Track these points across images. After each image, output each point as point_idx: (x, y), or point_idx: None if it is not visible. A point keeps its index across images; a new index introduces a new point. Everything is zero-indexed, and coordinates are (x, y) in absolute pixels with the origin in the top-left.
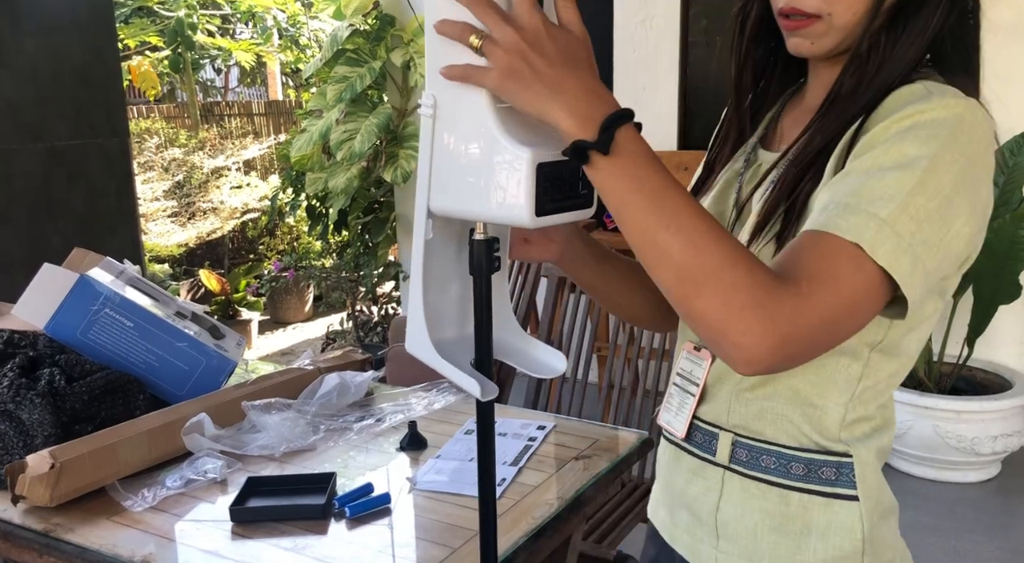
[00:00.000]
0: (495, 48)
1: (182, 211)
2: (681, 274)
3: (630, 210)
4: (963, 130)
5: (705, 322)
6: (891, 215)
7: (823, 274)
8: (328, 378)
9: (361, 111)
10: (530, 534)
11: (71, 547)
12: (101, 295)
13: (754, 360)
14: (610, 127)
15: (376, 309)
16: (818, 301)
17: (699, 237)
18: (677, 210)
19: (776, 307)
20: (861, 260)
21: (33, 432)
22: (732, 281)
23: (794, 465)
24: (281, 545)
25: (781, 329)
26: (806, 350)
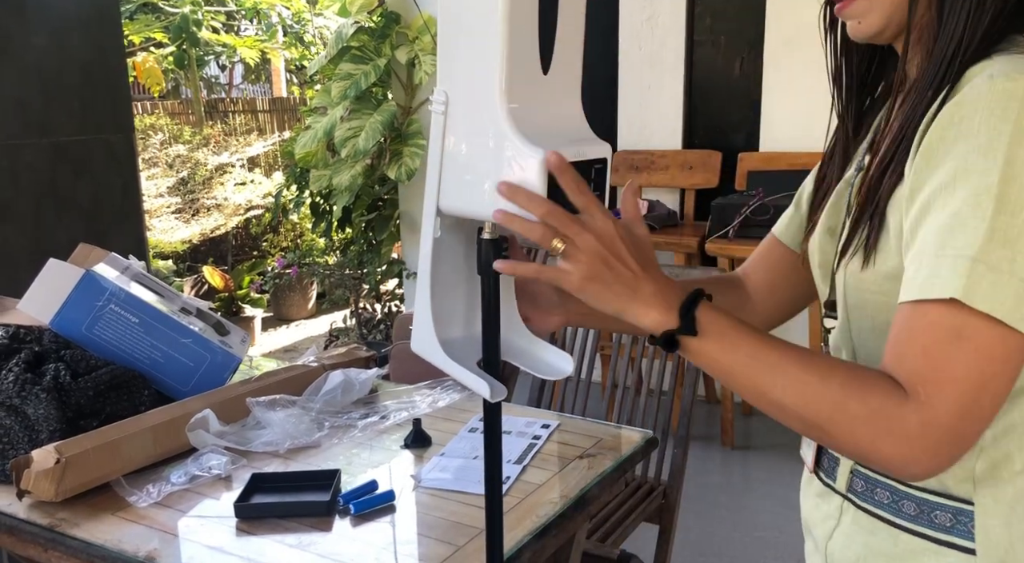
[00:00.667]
0: (578, 253)
1: (186, 207)
2: (805, 424)
3: (734, 379)
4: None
5: (851, 457)
6: (979, 250)
7: (934, 369)
8: (332, 375)
9: (366, 108)
10: (534, 532)
11: (76, 542)
12: (106, 291)
13: (917, 477)
14: (689, 310)
15: (379, 306)
16: (941, 403)
17: (803, 387)
18: (775, 367)
19: (903, 430)
20: (963, 325)
21: (38, 427)
22: (850, 420)
23: (906, 503)
24: (285, 541)
25: (920, 446)
26: (961, 444)
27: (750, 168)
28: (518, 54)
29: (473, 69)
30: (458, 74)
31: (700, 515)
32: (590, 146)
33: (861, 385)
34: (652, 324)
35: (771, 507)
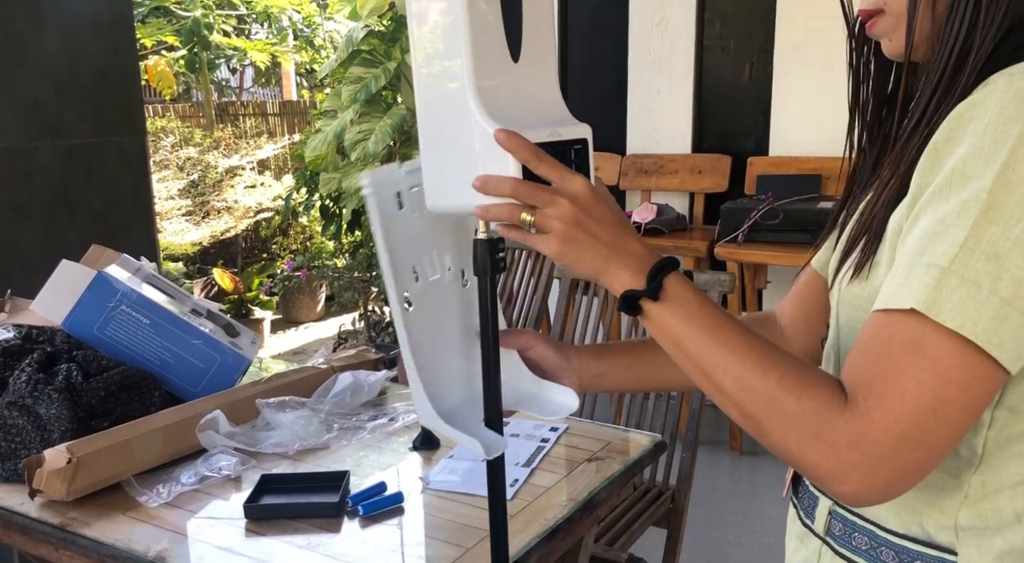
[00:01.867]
0: (549, 222)
1: (196, 210)
2: (741, 414)
3: (683, 352)
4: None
5: (783, 459)
6: (956, 260)
7: (882, 380)
8: (342, 377)
9: (375, 112)
10: (542, 535)
11: (87, 541)
12: (118, 292)
13: (847, 498)
14: (657, 275)
15: (388, 309)
16: (880, 418)
17: (744, 372)
18: (724, 347)
19: (832, 437)
20: (925, 339)
21: (50, 427)
22: (781, 416)
23: (884, 551)
24: (295, 542)
25: (847, 460)
26: (897, 469)
27: (760, 172)
28: (483, 42)
29: (443, 62)
30: (429, 63)
31: (708, 520)
32: (568, 127)
33: (800, 383)
34: (621, 286)
35: (779, 513)
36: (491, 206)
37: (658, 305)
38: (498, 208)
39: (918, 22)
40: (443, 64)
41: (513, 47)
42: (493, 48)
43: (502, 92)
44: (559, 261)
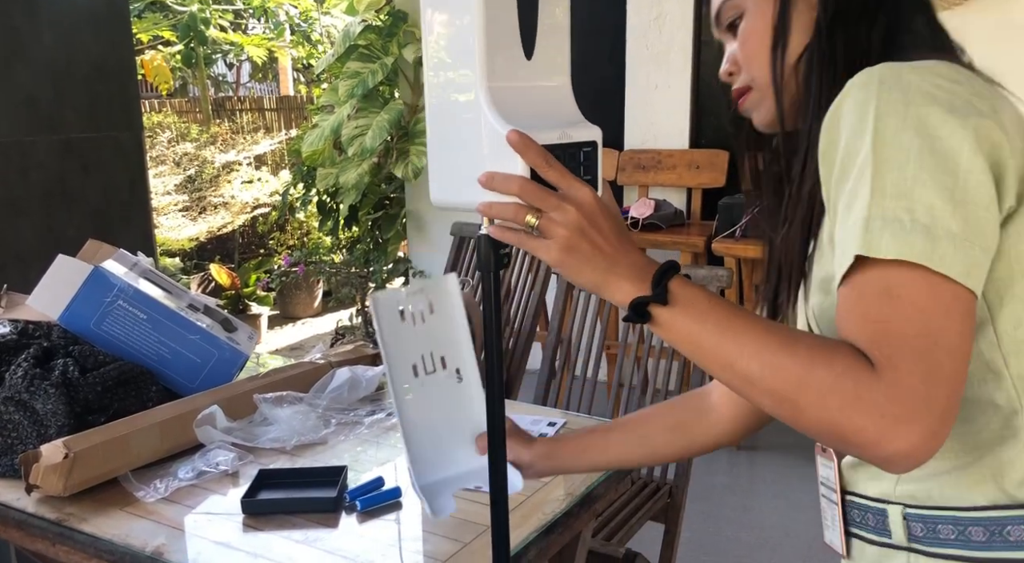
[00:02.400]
0: (554, 226)
1: (193, 205)
2: (775, 396)
3: (703, 351)
4: (887, 86)
5: (824, 436)
6: (871, 207)
7: (881, 332)
8: (339, 372)
9: (373, 107)
10: (540, 530)
11: (84, 537)
12: (115, 287)
13: (898, 454)
14: (661, 280)
15: None
16: (903, 363)
17: (771, 354)
18: (744, 335)
19: (871, 396)
20: (885, 281)
21: (47, 422)
22: (818, 386)
23: (973, 530)
24: (292, 537)
25: (891, 414)
26: (933, 410)
27: None
28: (497, 40)
29: (456, 58)
30: (441, 60)
31: (706, 515)
32: (578, 129)
33: (827, 351)
34: (624, 296)
35: (777, 508)
36: (495, 203)
37: (668, 309)
38: (502, 206)
39: (785, 92)
40: (455, 59)
41: (527, 44)
42: (507, 45)
43: (514, 90)
44: (558, 268)
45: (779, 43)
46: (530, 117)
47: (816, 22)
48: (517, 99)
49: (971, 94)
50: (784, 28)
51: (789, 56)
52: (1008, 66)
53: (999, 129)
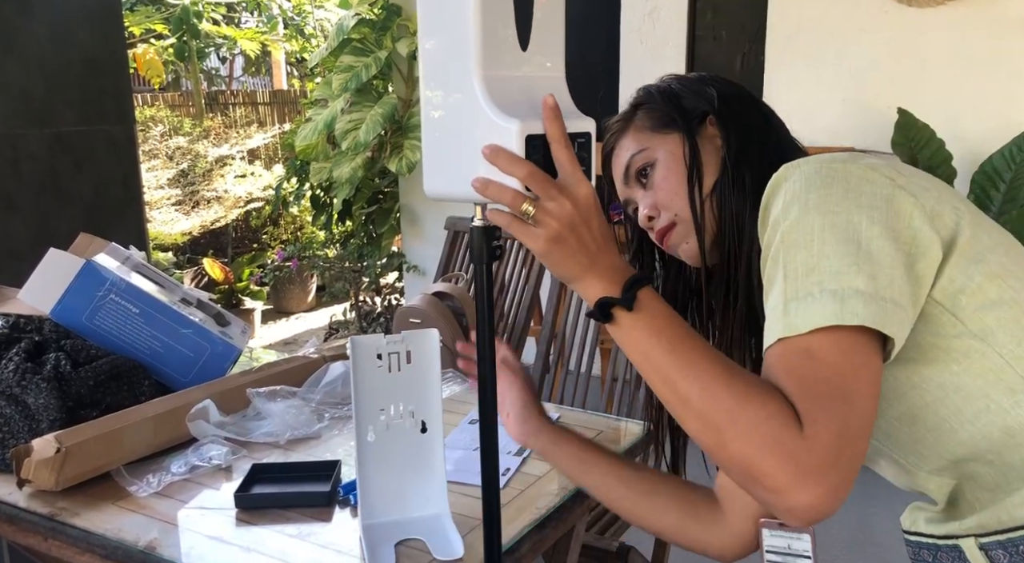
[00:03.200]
0: (548, 218)
1: (186, 200)
2: (703, 421)
3: (650, 362)
4: (793, 180)
5: (737, 471)
6: (788, 292)
7: (802, 390)
8: (333, 366)
9: (366, 101)
10: (534, 524)
11: (76, 531)
12: (107, 280)
13: (802, 505)
14: (632, 287)
15: (379, 300)
16: (821, 420)
17: (711, 381)
18: (691, 358)
19: (793, 443)
20: (805, 348)
21: (39, 416)
22: (747, 421)
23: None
24: (286, 532)
25: (806, 465)
26: (845, 474)
27: None
28: (493, 29)
29: (450, 48)
30: (436, 51)
31: None
32: (573, 120)
33: (762, 392)
34: (595, 293)
35: None
36: (494, 183)
37: (631, 315)
38: (501, 188)
39: (706, 224)
40: (450, 48)
41: (523, 35)
42: (502, 36)
43: (509, 80)
44: (541, 257)
45: (695, 177)
46: (525, 107)
47: (723, 160)
48: (512, 89)
49: (865, 168)
50: (697, 165)
51: (704, 190)
52: (1003, 61)
53: (898, 188)
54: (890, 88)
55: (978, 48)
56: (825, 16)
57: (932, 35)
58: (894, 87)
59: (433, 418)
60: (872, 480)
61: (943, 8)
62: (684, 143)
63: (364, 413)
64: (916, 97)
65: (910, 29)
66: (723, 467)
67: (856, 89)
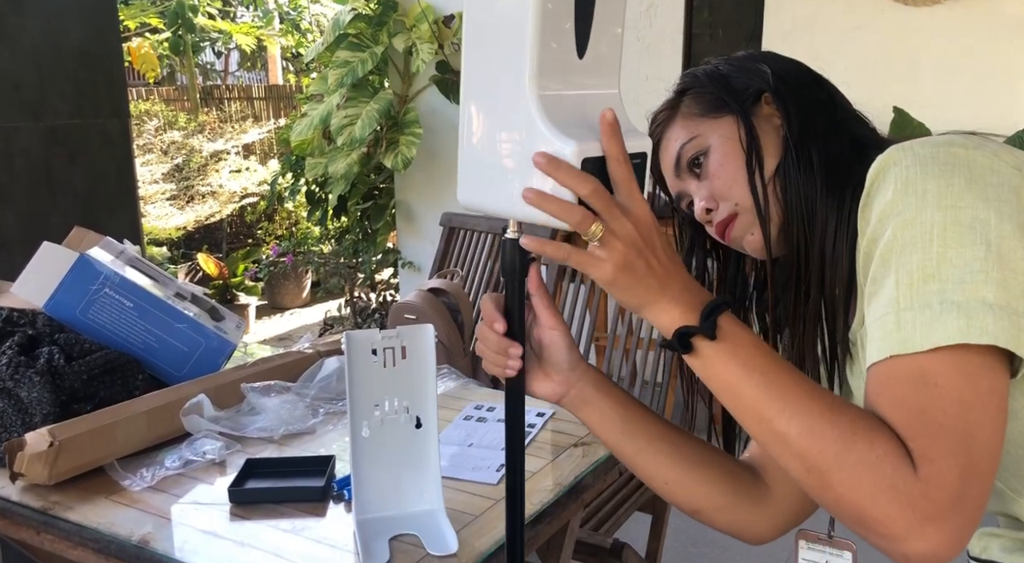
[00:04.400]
0: (615, 241)
1: (180, 194)
2: (806, 462)
3: (742, 398)
4: (906, 165)
5: (846, 516)
6: (901, 300)
7: (916, 422)
8: (328, 362)
9: (362, 96)
10: (528, 520)
11: (69, 525)
12: (101, 274)
13: (921, 554)
14: (712, 312)
15: (375, 296)
16: (939, 457)
17: (813, 419)
18: (789, 392)
19: (908, 487)
20: (920, 371)
21: (32, 410)
22: (855, 464)
23: None
24: (280, 527)
25: (924, 511)
26: (969, 515)
27: None
28: (551, 35)
29: (501, 53)
30: (485, 59)
31: None
32: (630, 139)
33: (869, 428)
34: (671, 322)
35: None
36: (552, 199)
37: (714, 345)
38: (562, 206)
39: (771, 211)
40: (500, 59)
41: (580, 41)
42: (559, 40)
43: (564, 96)
44: (608, 286)
45: (754, 161)
46: (580, 126)
47: (783, 139)
48: (568, 105)
49: (990, 155)
50: (757, 148)
51: (766, 174)
52: (998, 60)
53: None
54: (885, 87)
55: (974, 47)
56: (821, 15)
57: (927, 34)
58: (889, 86)
59: (428, 414)
60: None
61: (939, 7)
62: (739, 125)
63: (359, 408)
64: (911, 96)
65: (906, 28)
66: (830, 511)
67: (851, 87)
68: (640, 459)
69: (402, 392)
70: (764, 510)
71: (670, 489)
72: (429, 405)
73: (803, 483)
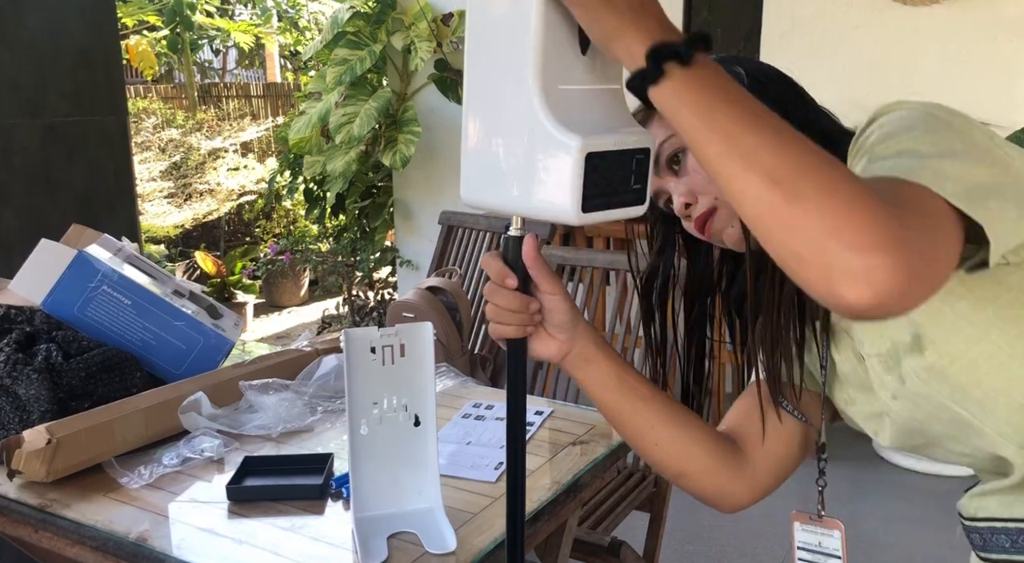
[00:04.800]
0: None
1: (178, 192)
2: (774, 175)
3: (713, 119)
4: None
5: (814, 224)
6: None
7: (895, 195)
8: (326, 360)
9: (361, 94)
10: (527, 518)
11: (67, 523)
12: (99, 272)
13: (872, 268)
14: (691, 41)
15: (372, 294)
16: (911, 213)
17: (788, 134)
18: (761, 109)
19: (873, 205)
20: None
21: (29, 407)
22: (831, 171)
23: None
24: (278, 524)
25: (895, 229)
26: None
27: None
28: (553, 32)
29: (504, 51)
30: (488, 57)
31: (690, 504)
32: (631, 135)
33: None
34: (643, 44)
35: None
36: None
37: (688, 70)
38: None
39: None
40: (505, 52)
41: (583, 38)
42: (562, 37)
43: (568, 91)
44: (574, 7)
45: None
46: (584, 120)
47: None
48: (571, 99)
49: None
50: None
51: None
52: (996, 60)
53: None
54: (884, 86)
55: (972, 47)
56: (819, 14)
57: (926, 34)
58: (888, 85)
59: (426, 412)
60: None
61: (937, 7)
62: None
63: (357, 406)
64: (910, 95)
65: (904, 28)
66: (788, 224)
67: (850, 87)
68: (633, 419)
69: (401, 390)
70: (743, 478)
71: (659, 449)
72: (428, 403)
73: (763, 201)
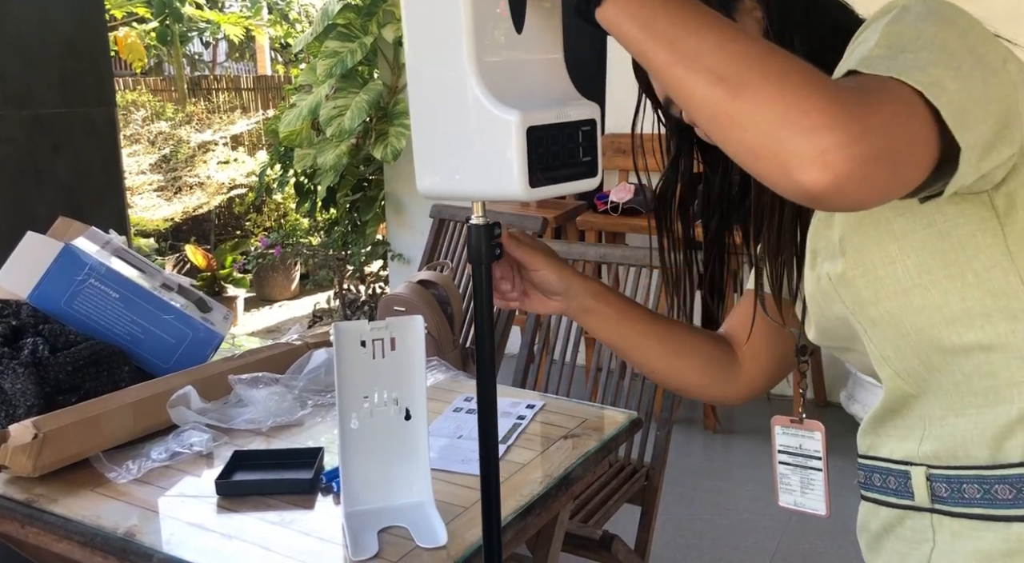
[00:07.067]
0: None
1: (168, 185)
2: (718, 71)
3: (656, 27)
4: (902, 8)
5: (764, 110)
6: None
7: (869, 86)
8: (316, 354)
9: (351, 87)
10: (518, 512)
11: (54, 518)
12: (86, 265)
13: (826, 150)
14: None
15: (364, 288)
16: (876, 100)
17: (733, 32)
18: (707, 15)
19: (825, 88)
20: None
21: (15, 402)
22: (780, 62)
23: (999, 488)
24: (267, 519)
25: (850, 109)
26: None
27: None
28: (485, 12)
29: (439, 31)
30: (423, 39)
31: (682, 497)
32: (574, 107)
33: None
34: None
35: (752, 490)
36: None
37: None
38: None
39: None
40: (439, 34)
41: (517, 17)
42: (495, 17)
43: (504, 66)
44: None
45: None
46: (523, 94)
47: (764, 31)
48: (508, 75)
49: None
50: None
51: None
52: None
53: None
54: None
55: None
56: None
57: None
58: None
59: (417, 405)
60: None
61: None
62: None
63: (347, 400)
64: None
65: None
66: (737, 119)
67: None
68: (633, 352)
69: (391, 384)
70: (736, 385)
71: (660, 376)
72: (418, 397)
73: (711, 100)
